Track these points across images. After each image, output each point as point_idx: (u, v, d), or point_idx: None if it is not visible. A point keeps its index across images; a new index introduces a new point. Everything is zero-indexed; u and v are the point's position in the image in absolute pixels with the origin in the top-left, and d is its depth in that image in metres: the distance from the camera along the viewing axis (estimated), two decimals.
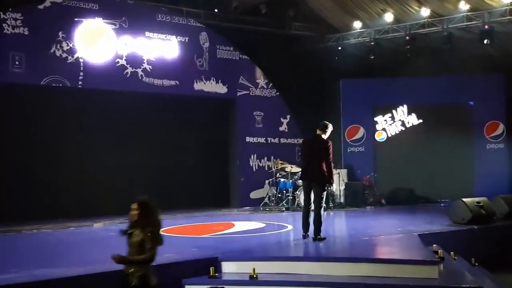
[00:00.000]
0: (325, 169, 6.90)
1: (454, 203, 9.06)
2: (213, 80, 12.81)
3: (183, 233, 8.44)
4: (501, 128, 13.43)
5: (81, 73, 10.87)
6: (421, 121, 13.94)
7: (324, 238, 6.89)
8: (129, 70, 11.55)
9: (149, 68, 11.84)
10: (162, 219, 4.41)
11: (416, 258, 5.94)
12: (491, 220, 8.88)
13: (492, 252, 7.83)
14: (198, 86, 12.60)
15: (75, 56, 10.83)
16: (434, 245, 6.68)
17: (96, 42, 11.05)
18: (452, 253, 6.66)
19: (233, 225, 9.31)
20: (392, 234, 7.72)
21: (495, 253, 7.87)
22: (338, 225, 9.97)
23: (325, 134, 7.21)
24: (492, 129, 13.48)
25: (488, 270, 6.68)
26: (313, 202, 6.92)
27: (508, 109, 13.27)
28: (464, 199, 8.75)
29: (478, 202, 8.76)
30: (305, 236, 7.02)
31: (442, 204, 12.41)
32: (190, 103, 12.75)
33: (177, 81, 12.22)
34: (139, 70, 11.69)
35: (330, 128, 7.25)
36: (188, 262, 5.78)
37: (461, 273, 5.81)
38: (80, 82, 10.87)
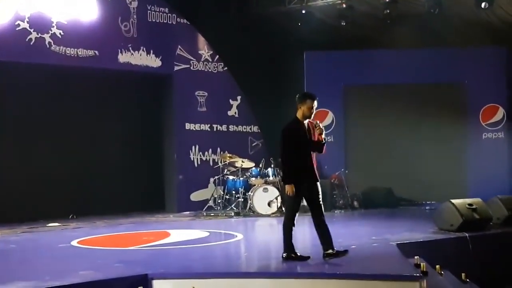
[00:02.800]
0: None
1: (441, 205, 9.35)
2: (143, 50, 12.74)
3: (104, 245, 8.38)
4: (500, 113, 13.87)
5: None
6: (403, 104, 14.22)
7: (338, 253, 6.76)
8: (33, 36, 11.34)
9: (60, 33, 11.65)
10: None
11: (393, 273, 6.11)
12: (486, 226, 9.17)
13: (487, 266, 8.14)
14: (123, 58, 12.49)
15: None
16: (416, 257, 6.86)
17: None
18: (437, 266, 6.86)
19: (169, 234, 9.32)
20: (366, 244, 7.90)
21: (489, 267, 8.19)
22: (300, 233, 10.09)
23: (300, 112, 6.66)
24: (490, 115, 13.91)
25: (481, 287, 6.96)
26: (320, 207, 6.78)
27: (510, 90, 13.67)
28: (453, 201, 9.03)
29: (470, 204, 9.03)
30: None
31: (427, 207, 12.78)
32: (113, 80, 12.63)
33: (96, 51, 12.07)
34: (46, 36, 11.50)
35: (303, 100, 6.59)
36: (109, 281, 5.73)
37: None
38: None
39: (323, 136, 6.60)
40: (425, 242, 8.17)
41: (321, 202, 6.70)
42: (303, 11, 14.04)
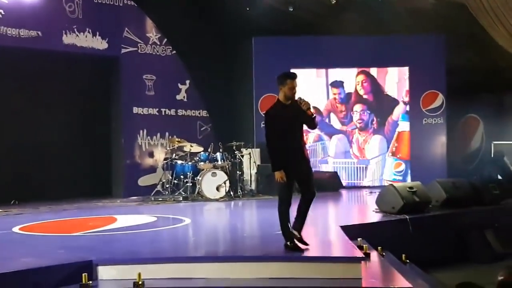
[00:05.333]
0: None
1: (383, 189, 9.58)
2: (89, 32, 12.50)
3: (47, 231, 8.21)
4: (440, 99, 14.22)
5: None
6: (352, 91, 14.43)
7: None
8: None
9: (0, 13, 11.38)
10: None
11: (336, 255, 6.24)
12: (426, 208, 9.48)
13: (426, 247, 8.40)
14: (68, 39, 12.24)
15: None
16: (358, 239, 7.02)
17: None
18: (379, 248, 7.03)
19: (115, 219, 9.22)
20: (310, 227, 8.02)
21: (429, 248, 8.45)
22: (247, 217, 10.21)
23: (281, 94, 6.46)
24: (430, 101, 14.21)
25: (421, 268, 7.16)
26: (312, 188, 6.48)
27: (449, 77, 14.03)
28: (394, 184, 9.26)
29: (411, 188, 9.29)
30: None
31: (369, 191, 13.02)
32: (57, 62, 12.35)
33: (39, 32, 11.80)
34: None
35: (283, 81, 6.40)
36: (52, 268, 5.63)
37: (390, 272, 6.15)
38: None
39: (311, 110, 6.33)
40: (368, 224, 8.37)
41: (312, 183, 6.46)
42: None
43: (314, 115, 6.41)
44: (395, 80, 14.40)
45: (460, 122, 14.76)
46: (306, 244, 6.29)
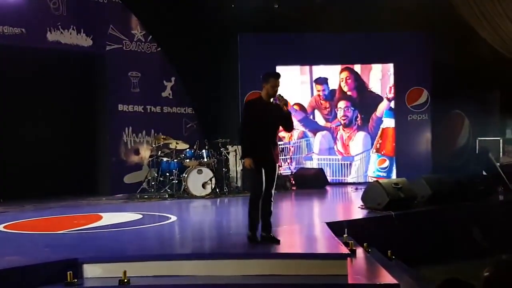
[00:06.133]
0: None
1: (369, 185, 9.61)
2: (73, 29, 12.41)
3: (32, 229, 8.18)
4: (425, 95, 14.29)
5: None
6: (336, 87, 14.44)
7: None
8: None
9: None
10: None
11: (322, 252, 6.26)
12: (411, 205, 9.51)
13: (412, 243, 8.45)
14: (52, 36, 12.15)
15: None
16: (344, 236, 7.05)
17: None
18: (365, 244, 7.07)
19: (101, 217, 9.19)
20: (296, 224, 8.05)
21: (415, 244, 8.49)
22: (233, 214, 10.20)
23: (264, 91, 6.64)
24: (415, 97, 14.29)
25: (407, 264, 7.19)
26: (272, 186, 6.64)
27: (433, 73, 14.11)
28: (380, 180, 9.30)
29: (396, 184, 9.33)
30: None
31: (355, 187, 13.06)
32: (42, 60, 12.25)
33: (23, 29, 11.69)
34: None
35: (267, 79, 6.59)
36: (37, 267, 5.60)
37: (375, 268, 6.19)
38: None
39: (288, 107, 6.52)
40: (353, 220, 8.40)
41: (273, 184, 6.62)
42: None
43: (289, 113, 6.58)
44: (379, 77, 14.44)
45: (445, 119, 14.83)
46: (277, 241, 6.44)
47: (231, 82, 14.07)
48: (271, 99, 6.56)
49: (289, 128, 6.83)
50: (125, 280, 5.47)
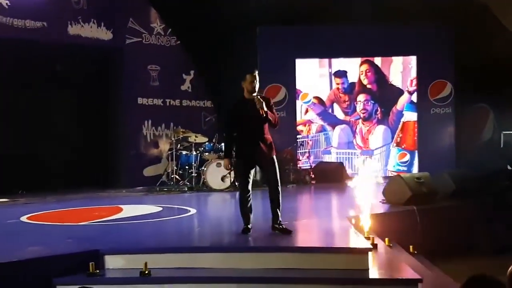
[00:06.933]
0: None
1: (391, 179, 9.55)
2: (94, 22, 12.48)
3: (54, 220, 8.26)
4: (448, 88, 14.14)
5: None
6: (355, 81, 14.36)
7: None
8: None
9: (6, 3, 11.31)
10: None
11: (343, 246, 6.23)
12: (434, 199, 9.44)
13: (434, 238, 8.38)
14: (73, 30, 12.23)
15: None
16: (366, 230, 7.02)
17: None
18: (386, 239, 7.04)
19: (121, 209, 9.25)
20: (317, 218, 8.02)
21: (437, 239, 8.43)
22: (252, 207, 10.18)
23: (244, 90, 6.84)
24: (438, 90, 14.14)
25: (429, 259, 7.15)
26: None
27: (457, 65, 13.93)
28: (402, 175, 9.23)
29: (418, 178, 9.26)
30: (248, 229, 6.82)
31: (376, 181, 12.98)
32: (62, 53, 12.34)
33: (44, 23, 11.77)
34: None
35: (244, 78, 6.84)
36: (60, 257, 5.67)
37: (397, 263, 6.15)
38: None
39: (264, 109, 6.57)
40: (375, 215, 8.32)
41: (275, 178, 6.75)
42: None
43: (265, 115, 6.62)
44: (400, 69, 14.33)
45: (469, 112, 14.63)
46: (289, 232, 6.60)
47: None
48: (254, 94, 6.69)
49: (271, 126, 6.85)
50: (146, 272, 5.50)
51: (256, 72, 6.79)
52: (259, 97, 6.65)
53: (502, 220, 9.54)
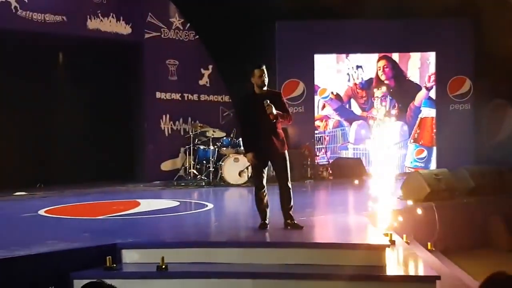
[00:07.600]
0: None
1: (409, 176, 9.47)
2: (113, 16, 12.49)
3: (72, 214, 8.31)
4: (467, 84, 14.00)
5: None
6: (373, 76, 14.26)
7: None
8: None
9: None
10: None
11: (360, 242, 6.19)
12: (452, 196, 9.34)
13: (452, 235, 8.31)
14: (92, 24, 12.24)
15: None
16: (383, 227, 6.97)
17: None
18: (404, 235, 6.99)
19: (138, 203, 9.28)
20: (334, 213, 7.98)
21: (455, 236, 8.36)
22: (269, 202, 10.15)
23: (254, 86, 6.81)
24: (457, 86, 14.02)
25: (447, 256, 7.09)
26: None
27: (476, 61, 13.77)
28: (420, 171, 9.15)
29: (437, 175, 9.17)
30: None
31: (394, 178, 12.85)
32: (82, 47, 12.40)
33: (64, 17, 11.79)
34: (12, 0, 11.16)
35: (252, 73, 6.79)
36: (77, 251, 5.70)
37: (415, 260, 6.10)
38: None
39: (274, 113, 6.50)
40: (393, 211, 8.27)
41: (286, 175, 6.79)
42: None
43: (276, 120, 6.61)
44: (418, 65, 14.20)
45: (489, 108, 14.46)
46: (300, 227, 6.58)
47: (268, 70, 13.97)
48: (264, 88, 6.68)
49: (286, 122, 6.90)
50: (163, 266, 5.51)
51: (264, 66, 6.73)
52: (268, 101, 6.52)
53: None
